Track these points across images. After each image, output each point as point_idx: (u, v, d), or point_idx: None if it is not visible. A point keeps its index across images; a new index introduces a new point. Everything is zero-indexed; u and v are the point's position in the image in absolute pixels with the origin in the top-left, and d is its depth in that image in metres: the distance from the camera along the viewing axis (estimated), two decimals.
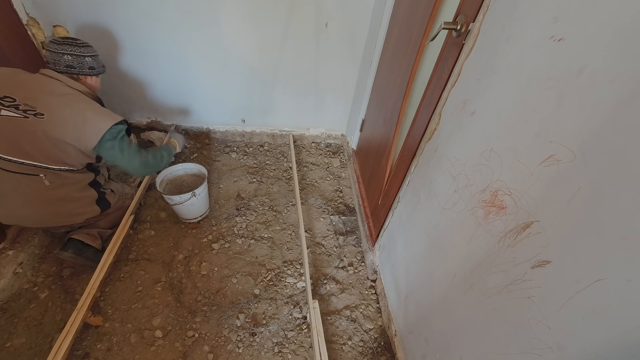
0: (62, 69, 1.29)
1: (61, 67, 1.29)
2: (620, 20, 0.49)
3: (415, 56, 1.25)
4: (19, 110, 1.17)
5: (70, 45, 1.30)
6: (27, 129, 1.18)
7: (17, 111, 1.17)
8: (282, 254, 1.71)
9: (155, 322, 1.38)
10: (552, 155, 0.60)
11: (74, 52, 1.31)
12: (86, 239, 1.47)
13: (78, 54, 1.31)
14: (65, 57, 1.29)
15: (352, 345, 1.40)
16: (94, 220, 1.51)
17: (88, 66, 1.35)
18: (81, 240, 1.46)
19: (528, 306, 0.65)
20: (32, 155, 1.21)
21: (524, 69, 0.68)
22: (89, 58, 1.35)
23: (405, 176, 1.28)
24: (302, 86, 2.12)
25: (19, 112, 1.17)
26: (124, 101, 2.11)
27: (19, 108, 1.17)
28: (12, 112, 1.16)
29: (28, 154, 1.20)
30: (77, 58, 1.31)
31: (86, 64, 1.34)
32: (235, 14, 1.74)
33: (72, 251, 1.43)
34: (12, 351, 1.26)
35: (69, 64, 1.30)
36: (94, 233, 1.52)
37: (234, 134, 2.36)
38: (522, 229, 0.67)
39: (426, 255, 1.11)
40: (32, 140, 1.19)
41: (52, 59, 1.28)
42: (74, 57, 1.30)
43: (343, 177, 2.22)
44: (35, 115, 1.18)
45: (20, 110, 1.17)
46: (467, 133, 0.88)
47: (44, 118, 1.18)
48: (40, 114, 1.18)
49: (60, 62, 1.29)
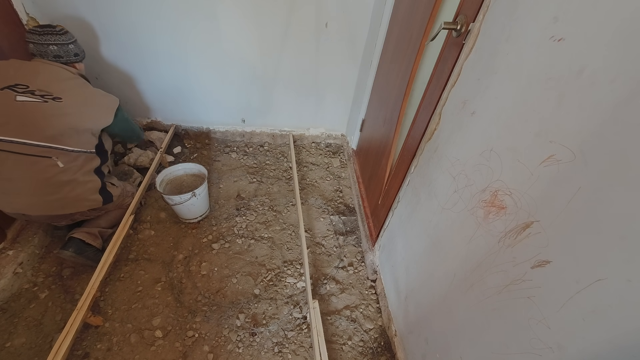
0: (51, 59, 1.31)
1: (49, 57, 1.31)
2: (620, 20, 0.49)
3: (415, 56, 1.25)
4: (35, 95, 1.20)
5: (52, 35, 1.31)
6: (49, 112, 1.21)
7: (35, 96, 1.20)
8: (282, 254, 1.71)
9: (155, 322, 1.38)
10: (552, 155, 0.60)
11: (58, 41, 1.32)
12: (87, 238, 1.47)
13: (62, 43, 1.33)
14: (50, 47, 1.30)
15: (352, 345, 1.40)
16: (96, 214, 1.51)
17: (73, 53, 1.38)
18: (82, 240, 1.45)
19: (528, 306, 0.65)
20: (51, 138, 1.24)
21: (524, 69, 0.68)
22: (72, 45, 1.38)
23: (405, 176, 1.28)
24: (302, 86, 2.12)
25: (37, 97, 1.20)
26: (124, 101, 2.10)
27: (35, 94, 1.20)
28: (29, 98, 1.19)
29: (48, 136, 1.23)
30: (62, 47, 1.34)
31: (71, 52, 1.37)
32: (235, 14, 1.74)
33: (72, 250, 1.42)
34: (12, 351, 1.26)
35: (56, 54, 1.32)
36: (94, 232, 1.51)
37: (234, 134, 2.36)
38: (522, 229, 0.67)
39: (426, 255, 1.11)
40: (53, 123, 1.22)
41: (38, 51, 1.29)
42: (59, 47, 1.32)
43: (343, 177, 2.22)
44: (54, 100, 1.22)
45: (38, 96, 1.20)
46: (467, 133, 0.88)
47: (62, 102, 1.23)
48: (59, 98, 1.23)
49: (47, 53, 1.30)
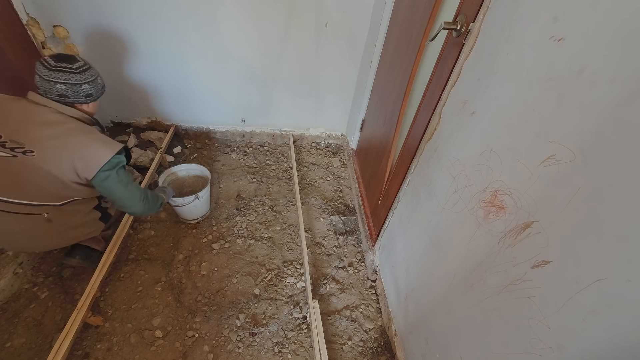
0: (55, 98, 1.12)
1: (53, 96, 1.11)
2: (620, 20, 0.49)
3: (415, 56, 1.25)
4: (5, 148, 1.04)
5: (64, 73, 1.10)
6: (19, 168, 1.06)
7: (4, 149, 1.04)
8: (282, 254, 1.71)
9: (155, 322, 1.38)
10: (552, 155, 0.60)
11: (69, 80, 1.11)
12: (91, 243, 1.46)
13: (73, 83, 1.12)
14: (57, 86, 1.10)
15: (352, 345, 1.40)
16: None
17: (84, 94, 1.16)
18: (87, 245, 1.45)
19: (528, 306, 0.65)
20: (31, 195, 1.12)
21: (524, 69, 0.68)
22: (86, 85, 1.16)
23: (405, 176, 1.28)
24: (302, 86, 2.12)
25: (6, 151, 1.05)
26: (124, 101, 2.11)
27: (5, 146, 1.04)
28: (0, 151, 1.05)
29: (27, 193, 1.11)
30: (72, 87, 1.13)
31: (82, 92, 1.15)
32: (235, 14, 1.74)
33: (79, 257, 1.43)
34: (12, 351, 1.26)
35: (62, 94, 1.12)
36: (97, 237, 1.50)
37: (234, 134, 2.36)
38: (522, 229, 0.67)
39: (426, 255, 1.11)
40: (27, 179, 1.08)
41: (42, 87, 1.10)
42: (68, 86, 1.12)
43: (343, 177, 2.22)
44: (25, 153, 1.05)
45: (8, 149, 1.04)
46: (467, 133, 0.88)
47: (34, 155, 1.05)
48: (30, 151, 1.05)
49: (52, 91, 1.11)
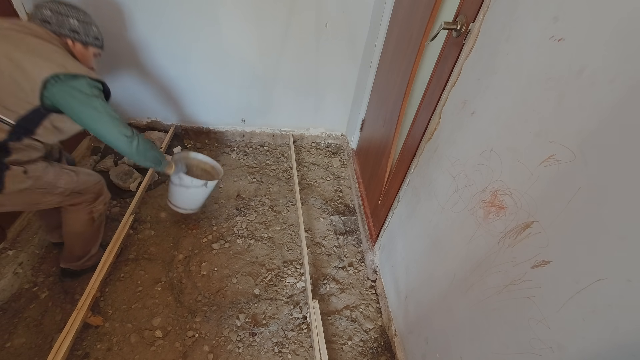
0: (65, 32, 1.09)
1: (65, 30, 1.09)
2: (619, 20, 0.49)
3: (415, 56, 1.25)
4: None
5: (77, 10, 1.13)
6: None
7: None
8: (282, 254, 1.71)
9: (155, 322, 1.38)
10: (552, 155, 0.60)
11: (81, 17, 1.13)
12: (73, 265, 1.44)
13: (85, 21, 1.14)
14: (71, 20, 1.09)
15: (352, 345, 1.40)
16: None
17: (94, 36, 1.17)
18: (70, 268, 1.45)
19: (528, 306, 0.65)
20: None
21: (524, 69, 0.68)
22: (95, 28, 1.18)
23: (405, 176, 1.28)
24: (302, 86, 2.12)
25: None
26: (124, 101, 2.11)
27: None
28: None
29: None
30: (84, 25, 1.14)
31: (92, 33, 1.17)
32: (235, 14, 1.74)
33: (70, 278, 1.47)
34: (12, 351, 1.26)
35: (75, 29, 1.11)
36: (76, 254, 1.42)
37: (234, 134, 2.36)
38: (522, 229, 0.67)
39: (426, 255, 1.11)
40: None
41: (55, 20, 1.07)
42: (81, 23, 1.12)
43: (343, 177, 2.22)
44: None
45: None
46: (467, 133, 0.88)
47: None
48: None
49: (64, 24, 1.08)
